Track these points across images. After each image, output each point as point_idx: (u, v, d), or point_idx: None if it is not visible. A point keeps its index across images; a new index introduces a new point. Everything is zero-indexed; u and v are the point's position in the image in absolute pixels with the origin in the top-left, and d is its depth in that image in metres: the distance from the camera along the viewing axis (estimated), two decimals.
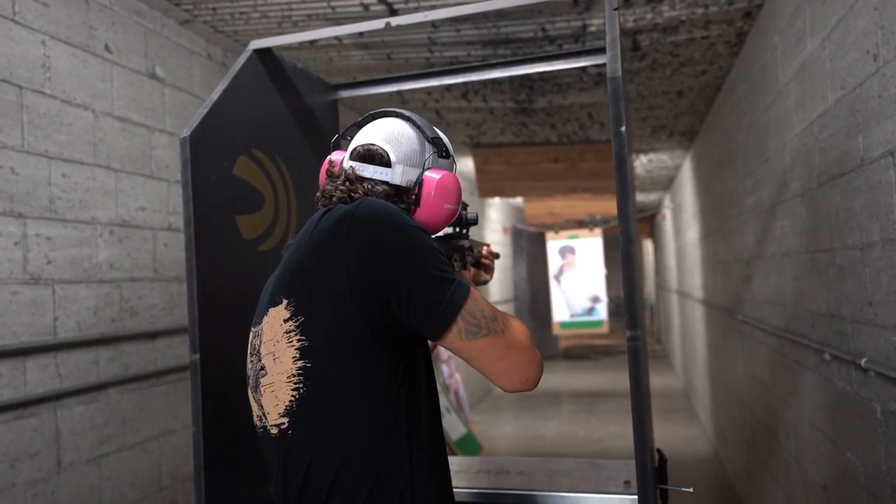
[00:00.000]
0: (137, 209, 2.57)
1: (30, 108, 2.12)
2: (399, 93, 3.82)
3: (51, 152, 2.19)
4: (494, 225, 8.91)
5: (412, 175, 1.13)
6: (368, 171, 1.13)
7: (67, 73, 2.27)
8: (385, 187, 1.12)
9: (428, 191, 1.11)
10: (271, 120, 1.69)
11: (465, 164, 6.11)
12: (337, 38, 2.85)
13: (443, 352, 5.55)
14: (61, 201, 2.23)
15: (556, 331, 9.10)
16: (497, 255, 1.54)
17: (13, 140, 2.06)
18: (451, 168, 1.20)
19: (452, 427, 5.10)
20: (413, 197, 1.12)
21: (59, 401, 2.18)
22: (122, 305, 2.48)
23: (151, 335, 2.61)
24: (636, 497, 1.23)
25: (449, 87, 3.91)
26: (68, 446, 2.20)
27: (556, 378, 9.16)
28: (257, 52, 1.65)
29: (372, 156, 1.14)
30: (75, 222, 2.28)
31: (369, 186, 1.11)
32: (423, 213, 1.12)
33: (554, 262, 8.88)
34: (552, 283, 8.96)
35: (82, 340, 2.27)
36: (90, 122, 2.36)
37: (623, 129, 1.15)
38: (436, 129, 1.20)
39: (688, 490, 1.34)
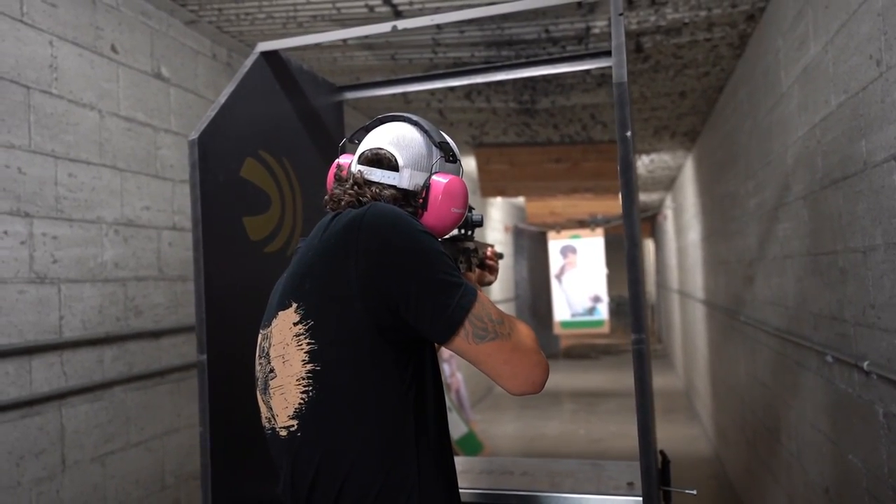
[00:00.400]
0: (142, 209, 2.58)
1: (37, 108, 2.13)
2: (403, 93, 3.83)
3: (57, 152, 2.20)
4: (496, 224, 8.92)
5: (420, 179, 1.14)
6: (376, 174, 1.14)
7: (74, 74, 2.28)
8: (393, 191, 1.13)
9: (435, 195, 1.12)
10: (278, 122, 1.71)
11: (468, 164, 6.12)
12: (342, 39, 2.87)
13: (444, 351, 5.57)
14: (67, 201, 2.24)
15: (557, 330, 9.12)
16: (501, 256, 1.55)
17: (20, 140, 2.07)
18: (457, 172, 1.21)
19: (454, 426, 5.11)
20: (421, 201, 1.13)
21: (64, 399, 2.19)
22: (127, 304, 2.49)
23: (156, 334, 2.62)
24: (640, 499, 1.24)
25: (452, 88, 3.92)
26: (73, 445, 2.21)
27: (556, 377, 9.17)
28: (264, 54, 1.66)
29: (380, 160, 1.15)
30: (81, 222, 2.29)
31: (377, 190, 1.12)
32: (431, 217, 1.13)
33: (555, 261, 8.89)
34: (553, 282, 8.98)
35: (87, 339, 2.29)
36: (96, 122, 2.37)
37: (629, 133, 1.16)
38: (443, 133, 1.21)
39: (691, 492, 1.35)
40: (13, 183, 2.04)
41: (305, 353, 1.03)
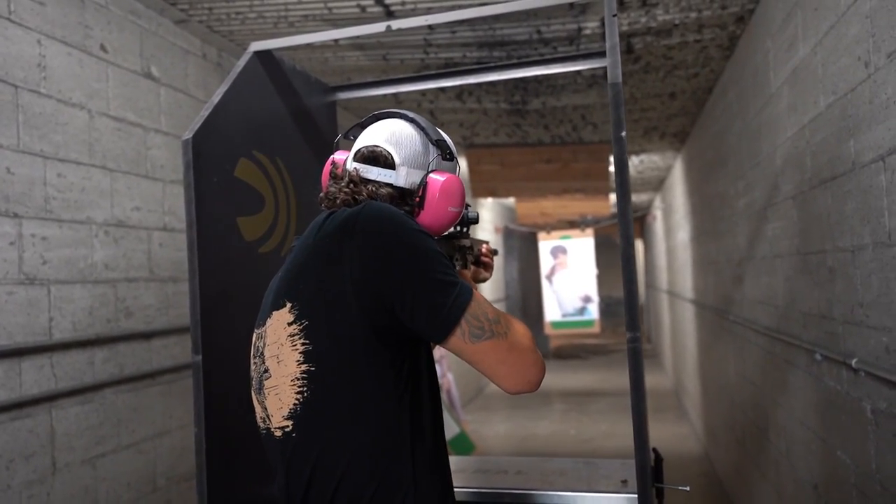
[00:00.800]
0: (133, 209, 2.56)
1: (25, 107, 2.11)
2: (394, 94, 3.83)
3: (46, 152, 2.18)
4: (486, 225, 8.93)
5: (416, 177, 1.14)
6: (373, 172, 1.13)
7: (63, 73, 2.26)
8: (389, 189, 1.12)
9: (432, 193, 1.12)
10: (271, 121, 1.70)
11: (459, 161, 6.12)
12: (335, 39, 2.87)
13: (435, 351, 5.57)
14: (57, 201, 2.22)
15: (548, 330, 9.16)
16: (496, 252, 1.55)
17: (9, 140, 2.05)
18: (454, 170, 1.21)
19: (445, 426, 5.11)
20: (417, 199, 1.13)
21: (54, 402, 2.17)
22: (118, 306, 2.47)
23: (146, 335, 2.60)
24: (635, 496, 1.25)
25: (444, 89, 3.92)
26: (63, 447, 2.19)
27: (547, 377, 9.04)
28: (257, 53, 1.65)
29: (376, 157, 1.14)
30: (71, 222, 2.27)
31: (373, 189, 1.12)
32: (427, 216, 1.13)
33: (546, 262, 8.92)
34: (544, 283, 9.01)
35: (78, 341, 2.27)
36: (86, 121, 2.35)
37: (624, 133, 1.17)
38: (439, 130, 1.21)
39: (684, 488, 1.36)
40: (2, 183, 2.02)
41: (300, 353, 1.02)
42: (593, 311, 8.70)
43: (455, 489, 1.18)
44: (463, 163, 5.96)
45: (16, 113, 2.08)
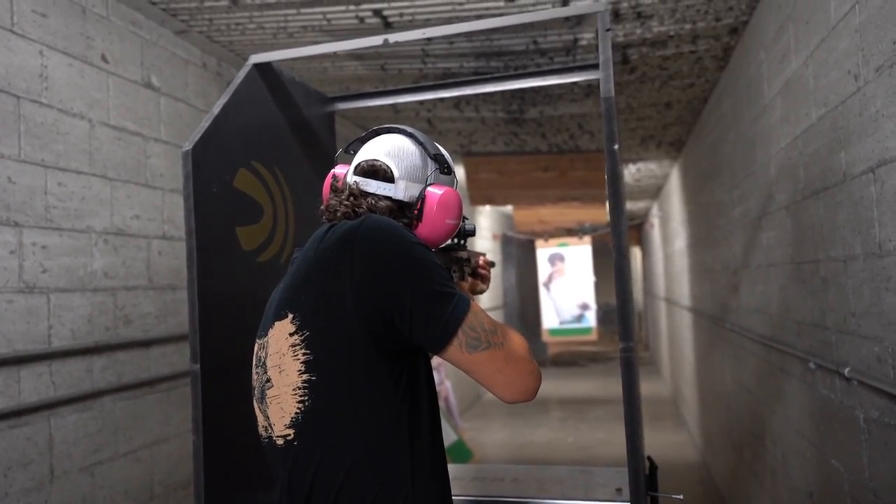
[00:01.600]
0: (132, 218, 2.58)
1: (27, 117, 2.13)
2: (392, 104, 3.85)
3: (47, 161, 2.20)
4: (484, 232, 8.95)
5: (415, 191, 1.16)
6: (372, 186, 1.16)
7: (64, 83, 2.28)
8: (388, 202, 1.15)
9: (430, 206, 1.14)
10: (270, 132, 1.72)
11: (457, 173, 6.14)
12: (333, 51, 2.89)
13: (433, 359, 5.57)
14: (57, 210, 2.24)
15: (546, 338, 9.17)
16: (493, 264, 1.57)
17: (10, 149, 2.07)
18: (452, 184, 1.23)
19: (443, 434, 5.11)
20: (416, 212, 1.15)
21: (52, 409, 2.18)
22: (116, 314, 2.48)
23: (145, 343, 2.61)
24: None
25: (442, 98, 3.95)
26: (61, 455, 2.20)
27: (544, 385, 9.07)
28: (257, 65, 1.68)
29: (376, 171, 1.17)
30: (71, 231, 2.29)
31: (373, 202, 1.14)
32: (425, 229, 1.15)
33: (543, 269, 8.95)
34: (542, 290, 9.03)
35: (76, 349, 2.28)
36: (86, 131, 2.37)
37: (616, 146, 1.20)
38: (437, 145, 1.23)
39: (678, 497, 1.37)
40: (3, 192, 2.04)
41: (301, 363, 1.04)
42: (591, 319, 8.72)
43: (452, 497, 1.19)
44: (461, 171, 5.98)
45: (17, 123, 2.10)
